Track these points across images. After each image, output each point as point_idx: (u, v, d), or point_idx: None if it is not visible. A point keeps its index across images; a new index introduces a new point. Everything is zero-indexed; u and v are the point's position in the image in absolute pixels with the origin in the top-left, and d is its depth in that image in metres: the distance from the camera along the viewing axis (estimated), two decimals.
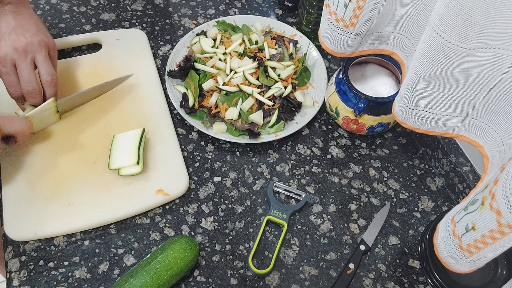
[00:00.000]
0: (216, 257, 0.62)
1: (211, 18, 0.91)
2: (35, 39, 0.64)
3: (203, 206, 0.67)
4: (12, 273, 0.58)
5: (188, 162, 0.71)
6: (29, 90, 0.63)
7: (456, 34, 0.42)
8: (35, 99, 0.65)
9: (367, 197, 0.70)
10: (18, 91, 0.64)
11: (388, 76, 0.74)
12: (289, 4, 0.92)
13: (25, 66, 0.63)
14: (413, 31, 0.59)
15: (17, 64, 0.63)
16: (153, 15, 0.91)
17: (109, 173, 0.66)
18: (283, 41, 0.83)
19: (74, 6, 0.90)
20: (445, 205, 0.70)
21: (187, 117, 0.73)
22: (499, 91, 0.47)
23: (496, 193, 0.40)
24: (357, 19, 0.57)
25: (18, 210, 0.61)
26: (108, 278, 0.59)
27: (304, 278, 0.61)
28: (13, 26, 0.64)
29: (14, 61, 0.63)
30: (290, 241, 0.65)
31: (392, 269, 0.63)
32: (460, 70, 0.47)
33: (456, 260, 0.49)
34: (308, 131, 0.77)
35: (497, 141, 0.51)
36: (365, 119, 0.70)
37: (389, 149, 0.76)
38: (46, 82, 0.65)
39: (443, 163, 0.72)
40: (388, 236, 0.66)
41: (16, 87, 0.63)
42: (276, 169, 0.72)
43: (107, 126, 0.71)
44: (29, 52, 0.64)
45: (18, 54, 0.63)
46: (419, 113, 0.57)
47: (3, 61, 0.62)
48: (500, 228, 0.40)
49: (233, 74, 0.76)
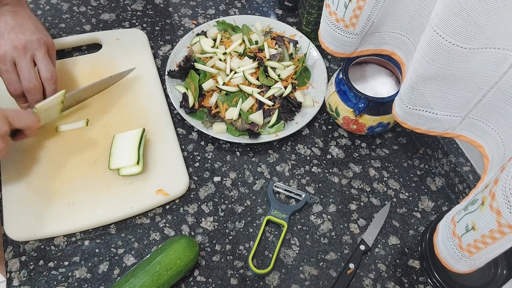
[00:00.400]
0: (216, 257, 0.62)
1: (211, 18, 0.91)
2: (34, 37, 0.64)
3: (203, 206, 0.67)
4: (12, 273, 0.58)
5: (188, 162, 0.71)
6: (29, 87, 0.63)
7: (456, 34, 0.42)
8: (35, 96, 0.64)
9: (367, 197, 0.70)
10: (18, 89, 0.64)
11: (388, 76, 0.74)
12: (289, 4, 0.92)
13: (25, 64, 0.63)
14: (413, 31, 0.59)
15: (16, 62, 0.63)
16: (153, 15, 0.91)
17: (109, 173, 0.66)
18: (283, 41, 0.83)
19: (74, 6, 0.90)
20: (445, 205, 0.70)
21: (187, 117, 0.73)
22: (499, 91, 0.47)
23: (496, 193, 0.40)
24: (357, 19, 0.57)
25: (18, 210, 0.61)
26: (108, 278, 0.59)
27: (304, 278, 0.61)
28: (12, 26, 0.64)
29: (14, 59, 0.63)
30: (290, 241, 0.65)
31: (392, 269, 0.63)
32: (460, 70, 0.47)
33: (456, 260, 0.49)
34: (308, 131, 0.77)
35: (497, 141, 0.51)
36: (365, 119, 0.70)
37: (389, 149, 0.76)
38: (46, 79, 0.65)
39: (443, 163, 0.72)
40: (388, 236, 0.66)
41: (16, 85, 0.63)
42: (276, 169, 0.72)
43: (107, 126, 0.71)
44: (28, 50, 0.64)
45: (18, 52, 0.63)
46: (419, 113, 0.57)
47: (3, 59, 0.62)
48: (500, 228, 0.40)
49: (233, 74, 0.76)
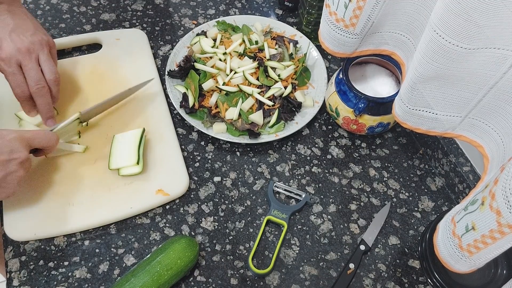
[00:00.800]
0: (216, 257, 0.62)
1: (211, 18, 0.91)
2: (36, 39, 0.64)
3: (203, 206, 0.67)
4: (12, 273, 0.58)
5: (188, 162, 0.71)
6: (39, 88, 0.63)
7: (456, 34, 0.43)
8: (44, 98, 0.64)
9: (367, 197, 0.70)
10: (26, 91, 0.63)
11: (388, 76, 0.74)
12: (289, 4, 0.92)
13: (31, 66, 0.63)
14: (413, 31, 0.59)
15: (23, 65, 0.63)
16: (153, 15, 0.91)
17: (109, 173, 0.66)
18: (283, 41, 0.83)
19: (74, 6, 0.90)
20: (445, 205, 0.70)
21: (187, 117, 0.73)
22: (499, 91, 0.47)
23: (496, 193, 0.40)
24: (357, 19, 0.57)
25: (18, 210, 0.61)
26: (108, 278, 0.59)
27: (304, 278, 0.61)
28: (12, 26, 0.64)
29: (19, 61, 0.62)
30: (290, 241, 0.65)
31: (392, 269, 0.63)
32: (460, 70, 0.47)
33: (456, 260, 0.49)
34: (308, 131, 0.77)
35: (497, 141, 0.51)
36: (365, 119, 0.70)
37: (389, 149, 0.76)
38: (50, 81, 0.65)
39: (443, 163, 0.72)
40: (388, 236, 0.66)
41: (23, 87, 0.63)
42: (276, 169, 0.72)
43: (107, 126, 0.71)
44: (32, 52, 0.63)
45: (23, 54, 0.62)
46: (419, 113, 0.57)
47: (8, 62, 0.62)
48: (500, 228, 0.40)
49: (233, 74, 0.76)
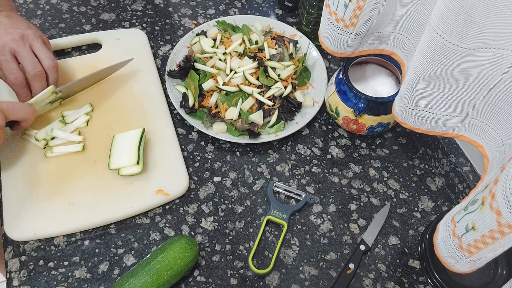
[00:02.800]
0: (216, 257, 0.62)
1: (211, 18, 0.91)
2: (29, 31, 0.66)
3: (203, 206, 0.67)
4: (12, 273, 0.58)
5: (188, 162, 0.71)
6: (36, 72, 0.64)
7: (456, 34, 0.43)
8: (41, 83, 0.65)
9: (367, 197, 0.70)
10: (19, 77, 0.64)
11: (388, 76, 0.74)
12: (289, 4, 0.92)
13: (26, 52, 0.64)
14: (413, 31, 0.59)
15: (16, 52, 0.64)
16: (153, 15, 0.91)
17: (109, 173, 0.66)
18: (283, 41, 0.83)
19: (74, 6, 0.90)
20: (445, 205, 0.70)
21: (187, 117, 0.73)
22: (499, 91, 0.47)
23: (496, 193, 0.40)
24: (357, 19, 0.57)
25: (18, 210, 0.61)
26: (108, 278, 0.59)
27: (304, 278, 0.61)
28: (7, 24, 0.66)
29: (13, 49, 0.64)
30: (290, 241, 0.65)
31: (392, 269, 0.63)
32: (460, 70, 0.47)
33: (456, 260, 0.49)
34: (308, 131, 0.77)
35: (497, 141, 0.51)
36: (365, 119, 0.70)
37: (389, 149, 0.76)
38: (49, 67, 0.66)
39: (443, 163, 0.72)
40: (388, 236, 0.66)
41: (17, 74, 0.64)
42: (276, 169, 0.72)
43: (107, 126, 0.71)
44: (26, 41, 0.65)
45: (17, 42, 0.64)
46: (419, 113, 0.57)
47: (2, 50, 0.63)
48: (500, 228, 0.40)
49: (233, 74, 0.76)
